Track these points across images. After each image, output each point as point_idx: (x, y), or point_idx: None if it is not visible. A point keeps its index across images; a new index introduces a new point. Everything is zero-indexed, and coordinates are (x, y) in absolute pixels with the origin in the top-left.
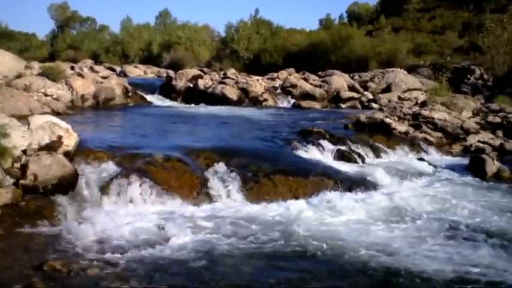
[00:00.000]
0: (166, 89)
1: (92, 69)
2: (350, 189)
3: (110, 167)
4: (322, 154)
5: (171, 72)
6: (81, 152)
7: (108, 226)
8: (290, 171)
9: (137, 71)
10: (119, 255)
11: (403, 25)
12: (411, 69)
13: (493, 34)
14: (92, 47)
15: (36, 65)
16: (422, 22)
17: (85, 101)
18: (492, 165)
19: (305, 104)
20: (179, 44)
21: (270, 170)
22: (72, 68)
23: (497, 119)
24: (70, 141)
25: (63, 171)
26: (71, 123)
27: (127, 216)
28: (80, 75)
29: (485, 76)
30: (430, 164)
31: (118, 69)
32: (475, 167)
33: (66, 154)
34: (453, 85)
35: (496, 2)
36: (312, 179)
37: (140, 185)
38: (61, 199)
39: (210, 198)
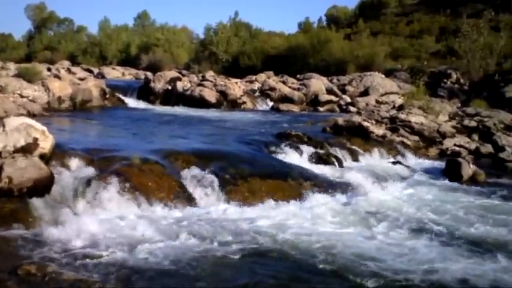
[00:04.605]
0: (145, 91)
1: (69, 70)
2: (327, 192)
3: (86, 170)
4: (300, 157)
5: (149, 74)
6: (58, 154)
7: (83, 229)
8: (268, 174)
9: (115, 73)
10: (94, 259)
11: (381, 29)
12: (389, 73)
13: (469, 39)
14: (69, 48)
15: (12, 66)
16: (400, 26)
17: (62, 102)
18: (468, 169)
19: (283, 107)
20: (157, 45)
21: (248, 173)
22: (49, 70)
23: (473, 123)
24: (46, 144)
25: (38, 174)
26: (47, 125)
27: (103, 219)
28: (57, 76)
29: (462, 80)
30: (406, 167)
31: (96, 70)
32: (451, 171)
33: (42, 157)
34: (430, 89)
35: (473, 7)
36: (289, 182)
37: (117, 188)
38: (36, 202)
39: (187, 201)
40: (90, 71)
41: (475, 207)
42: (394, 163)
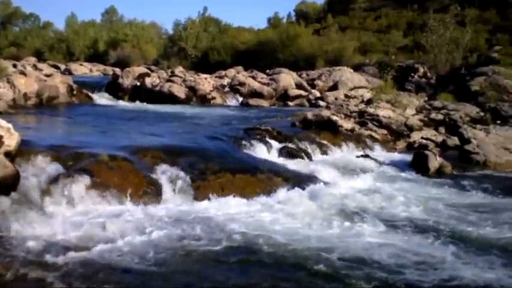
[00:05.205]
0: (113, 88)
1: (35, 67)
2: (297, 186)
3: (53, 167)
4: (269, 152)
5: (118, 70)
6: (23, 152)
7: (51, 228)
8: (237, 170)
9: (83, 69)
10: (62, 257)
11: (349, 24)
12: (357, 68)
13: (436, 33)
14: (36, 44)
15: None
16: (368, 21)
17: (28, 99)
18: (434, 161)
19: (253, 102)
20: (126, 41)
21: (218, 168)
22: (15, 66)
23: (440, 116)
24: (11, 141)
25: (3, 172)
26: (13, 122)
27: (71, 217)
28: (23, 73)
29: (429, 74)
30: (375, 160)
31: (63, 67)
32: (418, 163)
33: (7, 154)
34: (398, 83)
35: (439, 2)
36: (259, 177)
37: (84, 185)
38: (2, 201)
39: (156, 198)
40: (57, 68)
41: (440, 199)
42: (362, 156)
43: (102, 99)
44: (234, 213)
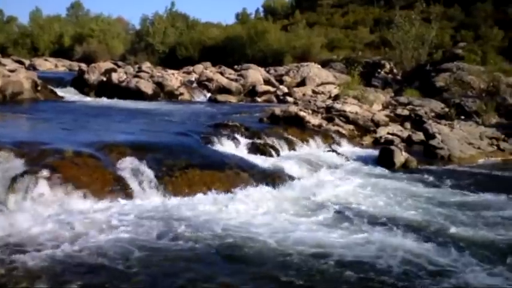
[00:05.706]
0: (79, 83)
1: None
2: (264, 182)
3: (16, 164)
4: (237, 148)
5: (84, 66)
6: None
7: (14, 226)
8: (205, 165)
9: (48, 65)
10: (26, 256)
11: (317, 20)
12: (325, 64)
13: (402, 30)
14: None
15: None
16: (336, 17)
17: None
18: (400, 156)
19: (221, 98)
20: (92, 36)
21: (185, 164)
22: None
23: (406, 112)
24: None
25: None
26: None
27: (35, 215)
28: None
29: (395, 70)
30: (342, 156)
31: (27, 62)
32: (384, 158)
33: None
34: (364, 79)
35: None
36: (227, 173)
37: (49, 183)
38: None
39: (123, 195)
40: (22, 63)
41: (405, 193)
42: (330, 152)
43: (67, 95)
44: (201, 209)
